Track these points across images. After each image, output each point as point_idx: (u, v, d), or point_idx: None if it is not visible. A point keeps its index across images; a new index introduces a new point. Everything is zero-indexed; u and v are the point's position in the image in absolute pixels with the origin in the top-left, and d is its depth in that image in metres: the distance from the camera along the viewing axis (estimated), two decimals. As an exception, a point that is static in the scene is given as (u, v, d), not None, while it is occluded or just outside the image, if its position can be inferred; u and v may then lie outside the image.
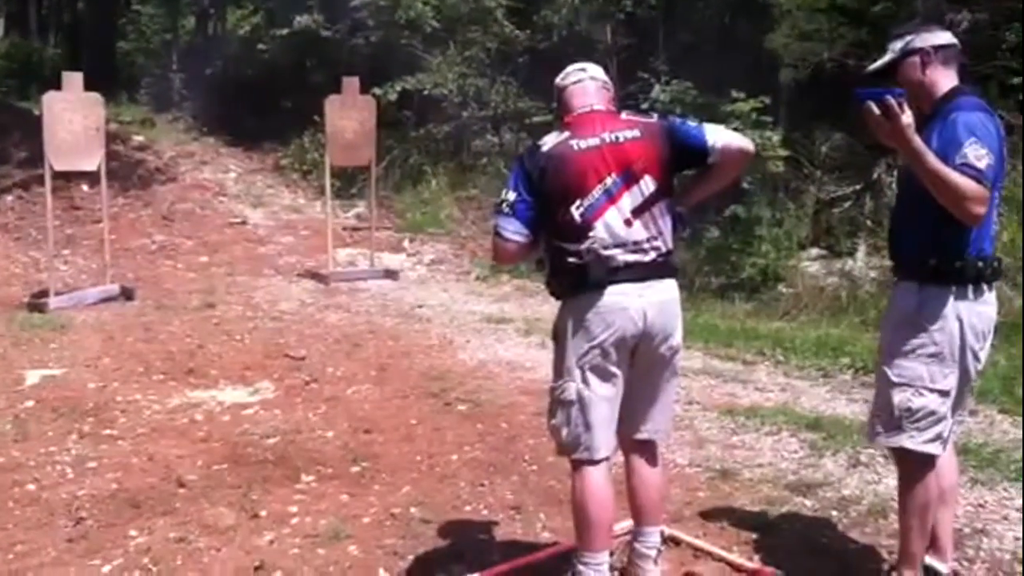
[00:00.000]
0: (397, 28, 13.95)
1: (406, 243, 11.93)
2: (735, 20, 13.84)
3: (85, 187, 11.86)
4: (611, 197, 3.31)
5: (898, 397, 3.31)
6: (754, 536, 4.13)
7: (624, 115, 3.49)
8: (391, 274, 10.39)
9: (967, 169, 3.03)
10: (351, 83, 10.46)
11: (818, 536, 4.15)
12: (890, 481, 4.62)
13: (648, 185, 3.34)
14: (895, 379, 3.32)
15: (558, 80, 3.58)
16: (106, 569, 3.90)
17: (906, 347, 3.30)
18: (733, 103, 10.00)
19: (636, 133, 3.37)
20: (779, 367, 6.94)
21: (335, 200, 11.54)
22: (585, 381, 3.37)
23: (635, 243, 3.33)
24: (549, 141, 3.40)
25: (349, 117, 10.33)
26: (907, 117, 3.06)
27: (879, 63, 3.40)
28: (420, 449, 5.25)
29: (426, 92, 13.34)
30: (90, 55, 18.29)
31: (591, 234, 3.31)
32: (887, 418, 3.36)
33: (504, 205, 3.38)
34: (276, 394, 6.27)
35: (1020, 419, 5.52)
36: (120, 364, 6.91)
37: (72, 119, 8.87)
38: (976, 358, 3.33)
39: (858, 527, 4.22)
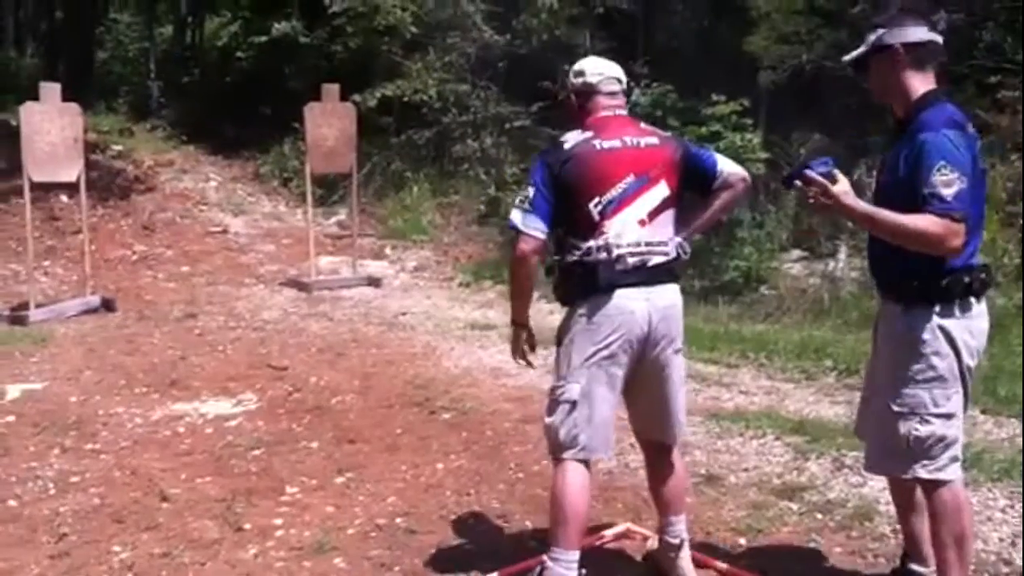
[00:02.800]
0: (376, 34, 13.92)
1: (388, 250, 11.91)
2: (714, 23, 13.85)
3: (64, 198, 11.79)
4: (628, 197, 3.41)
5: (903, 427, 3.19)
6: (741, 541, 4.15)
7: (642, 124, 3.64)
8: (374, 281, 10.36)
9: (935, 204, 2.94)
10: (331, 90, 10.45)
11: (805, 540, 4.15)
12: (875, 484, 4.64)
13: (663, 190, 3.46)
14: (896, 408, 3.20)
15: (589, 78, 3.60)
16: (90, 585, 3.87)
17: (903, 373, 3.19)
18: (713, 106, 10.03)
19: (655, 141, 3.52)
20: (762, 370, 6.96)
21: (316, 208, 11.51)
22: (589, 382, 3.43)
23: (646, 244, 3.43)
24: (571, 139, 3.48)
25: (329, 124, 10.32)
26: (841, 185, 3.09)
27: (853, 54, 3.33)
28: (405, 459, 5.23)
29: (406, 98, 13.31)
30: (67, 64, 18.20)
31: (605, 231, 3.39)
32: (894, 448, 3.24)
33: (525, 202, 3.42)
34: (259, 405, 6.23)
35: (1003, 419, 5.54)
36: (102, 377, 6.87)
37: (50, 130, 8.81)
38: (971, 375, 3.23)
39: (844, 531, 4.22)
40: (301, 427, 5.80)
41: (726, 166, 3.60)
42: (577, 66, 3.66)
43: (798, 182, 3.14)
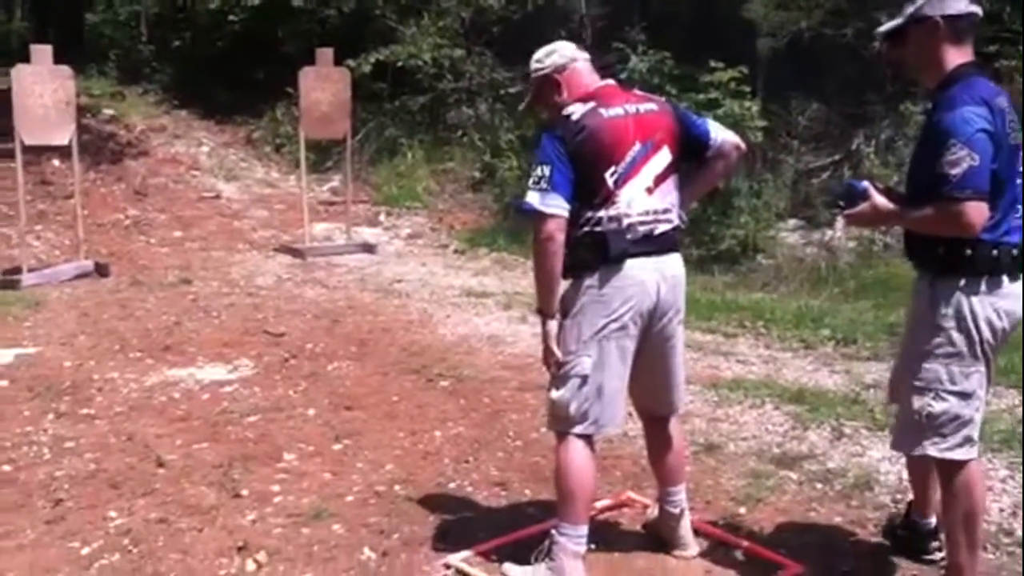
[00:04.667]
0: (370, -2, 13.79)
1: (382, 217, 11.84)
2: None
3: (56, 162, 11.66)
4: (636, 165, 3.36)
5: (917, 402, 3.17)
6: (741, 511, 4.14)
7: (635, 91, 3.61)
8: (368, 248, 10.30)
9: (941, 186, 2.94)
10: (325, 54, 10.33)
11: (804, 509, 4.15)
12: (874, 453, 4.66)
13: (666, 156, 3.42)
14: (914, 383, 3.18)
15: (557, 58, 3.53)
16: (85, 551, 3.83)
17: (923, 348, 3.16)
18: (711, 73, 9.94)
19: (654, 107, 3.48)
20: (760, 339, 6.94)
21: (310, 174, 11.42)
22: (601, 355, 3.37)
23: (654, 212, 3.39)
24: (578, 111, 3.40)
25: (323, 89, 10.20)
26: (875, 199, 3.18)
27: (890, 25, 3.26)
28: (403, 426, 5.21)
29: (400, 64, 13.19)
30: (58, 27, 17.93)
31: (617, 200, 3.34)
32: (908, 423, 3.23)
33: (541, 181, 3.30)
34: (255, 371, 6.19)
35: (1001, 389, 5.52)
36: (96, 342, 6.81)
37: (42, 92, 8.70)
38: (993, 355, 3.19)
39: (844, 500, 4.22)
40: (298, 394, 5.76)
41: (720, 133, 3.56)
42: (537, 56, 3.57)
43: (841, 203, 3.30)
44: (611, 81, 3.57)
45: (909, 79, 9.88)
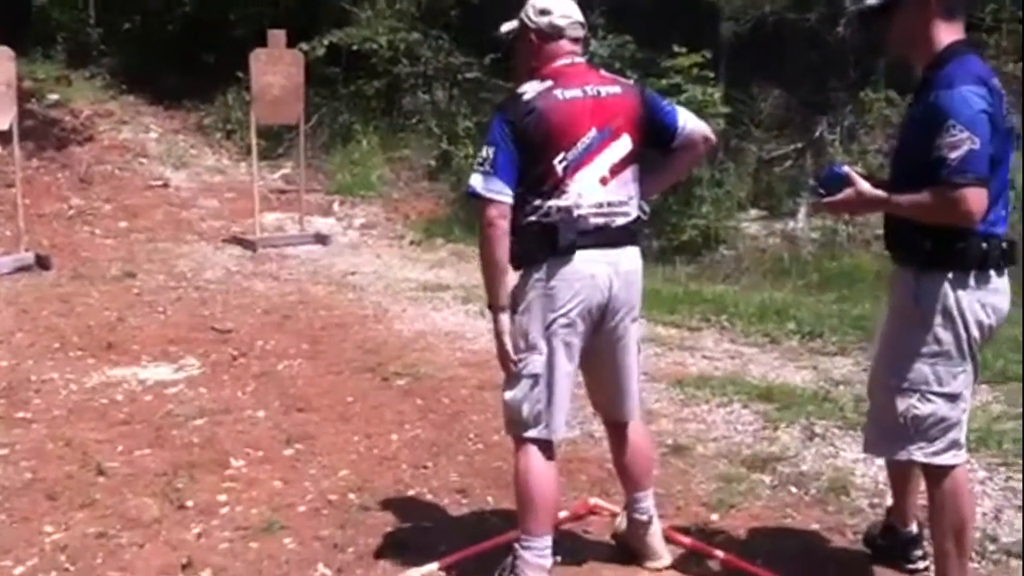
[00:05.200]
0: (324, -21, 13.47)
1: (336, 206, 11.55)
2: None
3: (-2, 148, 11.26)
4: (590, 152, 3.14)
5: (902, 404, 2.98)
6: (713, 517, 3.98)
7: (602, 71, 3.37)
8: (321, 239, 10.02)
9: (939, 170, 2.75)
10: (277, 36, 10.00)
11: (779, 515, 3.98)
12: (847, 455, 4.52)
13: (625, 144, 3.20)
14: (896, 383, 2.99)
15: (556, 19, 3.26)
16: (19, 571, 3.60)
17: (906, 346, 2.98)
18: (674, 58, 9.76)
19: (617, 90, 3.24)
20: (724, 333, 6.78)
21: (261, 161, 11.10)
22: (551, 354, 3.17)
23: (608, 204, 3.17)
24: (531, 90, 3.18)
25: (275, 72, 9.87)
26: (859, 185, 2.99)
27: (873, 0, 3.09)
28: (357, 429, 4.99)
29: (355, 47, 12.90)
30: (2, 9, 17.43)
31: (567, 189, 3.12)
32: (890, 427, 3.04)
33: (485, 164, 3.10)
34: (202, 371, 5.93)
35: (975, 386, 5.39)
36: (35, 339, 6.53)
37: (-22, 76, 8.35)
38: (978, 352, 3.01)
39: (820, 505, 4.06)
40: (246, 394, 5.52)
41: (688, 122, 3.32)
42: (540, 3, 3.29)
43: (821, 190, 3.11)
44: (580, 60, 3.30)
45: (870, 66, 9.82)
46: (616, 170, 3.19)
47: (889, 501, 3.66)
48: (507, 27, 3.41)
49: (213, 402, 5.38)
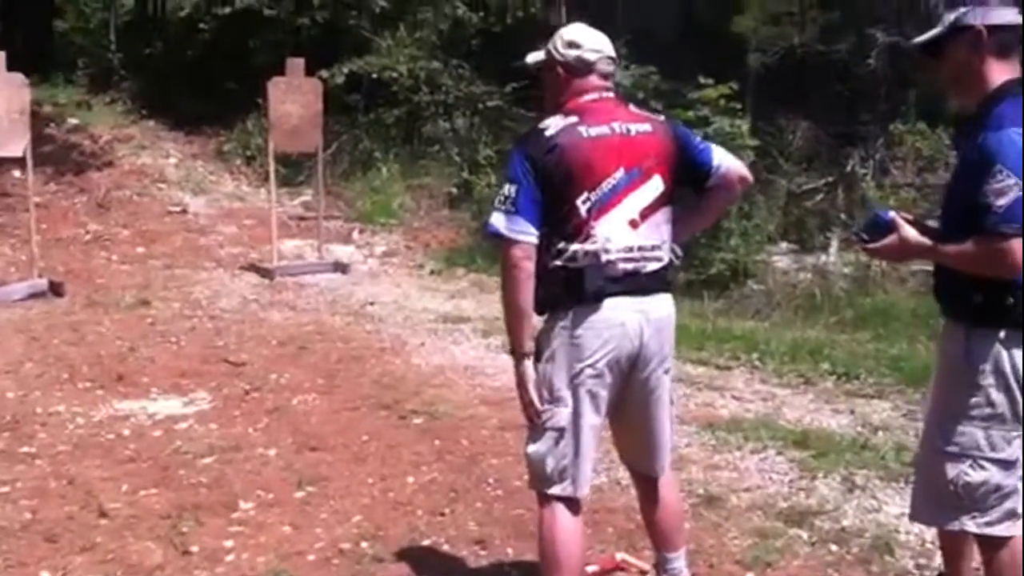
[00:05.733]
0: (344, 7, 13.45)
1: (356, 234, 11.39)
2: (698, 1, 13.38)
3: (17, 173, 11.08)
4: (617, 194, 2.94)
5: (952, 471, 2.75)
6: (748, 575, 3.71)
7: (632, 107, 3.16)
8: (340, 267, 9.84)
9: (985, 218, 2.56)
10: (296, 64, 9.89)
11: (818, 575, 3.72)
12: (890, 509, 4.25)
13: (657, 186, 2.98)
14: (946, 448, 2.77)
15: (585, 53, 3.07)
16: (11, 621, 3.40)
17: (957, 407, 2.76)
18: (700, 89, 9.55)
19: (648, 128, 3.03)
20: (756, 373, 6.51)
21: (280, 188, 10.95)
22: (577, 406, 2.97)
23: (639, 248, 2.96)
24: (553, 125, 2.98)
25: (294, 100, 9.75)
26: (903, 231, 2.79)
27: (927, 35, 2.86)
28: (372, 470, 4.76)
29: (375, 75, 12.81)
30: (26, 34, 17.44)
31: (593, 233, 2.91)
32: (940, 494, 2.81)
33: (507, 202, 2.91)
34: (213, 405, 5.73)
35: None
36: (44, 370, 6.35)
37: (-5, 102, 8.24)
38: None
39: (863, 565, 3.79)
40: (258, 431, 5.31)
41: (723, 161, 3.12)
42: (568, 35, 3.12)
43: (865, 235, 2.94)
44: (609, 95, 3.11)
45: (900, 97, 9.61)
46: (647, 213, 2.99)
47: (937, 560, 3.41)
48: (533, 58, 3.23)
49: (223, 439, 5.17)
